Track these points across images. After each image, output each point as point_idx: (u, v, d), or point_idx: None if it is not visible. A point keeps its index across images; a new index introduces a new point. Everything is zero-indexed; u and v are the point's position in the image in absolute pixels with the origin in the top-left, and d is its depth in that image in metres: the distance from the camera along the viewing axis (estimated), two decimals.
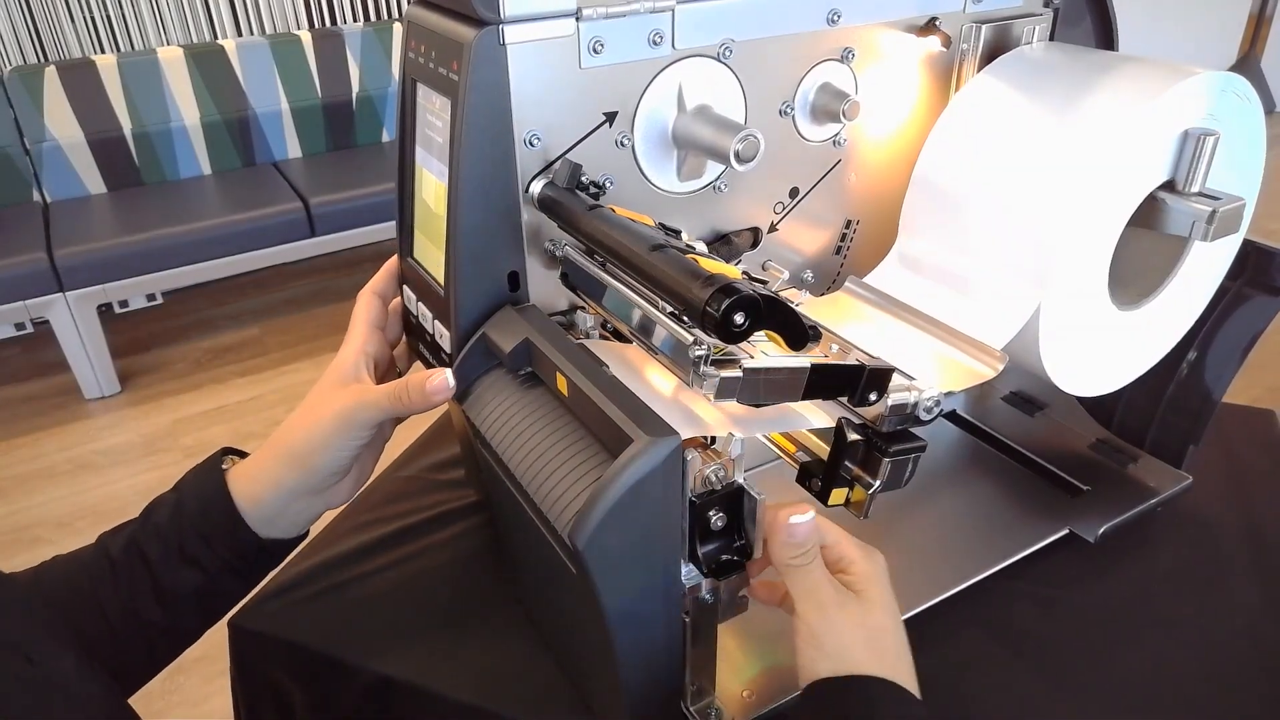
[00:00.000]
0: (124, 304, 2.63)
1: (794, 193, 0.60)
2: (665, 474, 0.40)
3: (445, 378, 0.50)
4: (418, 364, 0.58)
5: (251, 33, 2.65)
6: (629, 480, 0.39)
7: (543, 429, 0.46)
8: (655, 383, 0.46)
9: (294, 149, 2.69)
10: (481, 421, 0.49)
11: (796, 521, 0.44)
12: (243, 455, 0.55)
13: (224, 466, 0.53)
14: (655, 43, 0.50)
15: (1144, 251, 0.58)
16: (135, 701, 0.49)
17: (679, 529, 0.43)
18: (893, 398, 0.42)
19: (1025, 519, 0.64)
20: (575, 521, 0.40)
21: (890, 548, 0.62)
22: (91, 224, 2.30)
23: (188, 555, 0.51)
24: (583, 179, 0.49)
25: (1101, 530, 0.62)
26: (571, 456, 0.43)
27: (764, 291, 0.38)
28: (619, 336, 0.52)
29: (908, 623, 0.56)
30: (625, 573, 0.42)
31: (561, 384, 0.45)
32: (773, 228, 0.60)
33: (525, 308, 0.51)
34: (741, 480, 0.44)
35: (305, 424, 0.52)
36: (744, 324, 0.37)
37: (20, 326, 2.53)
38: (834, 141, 0.60)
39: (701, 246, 0.47)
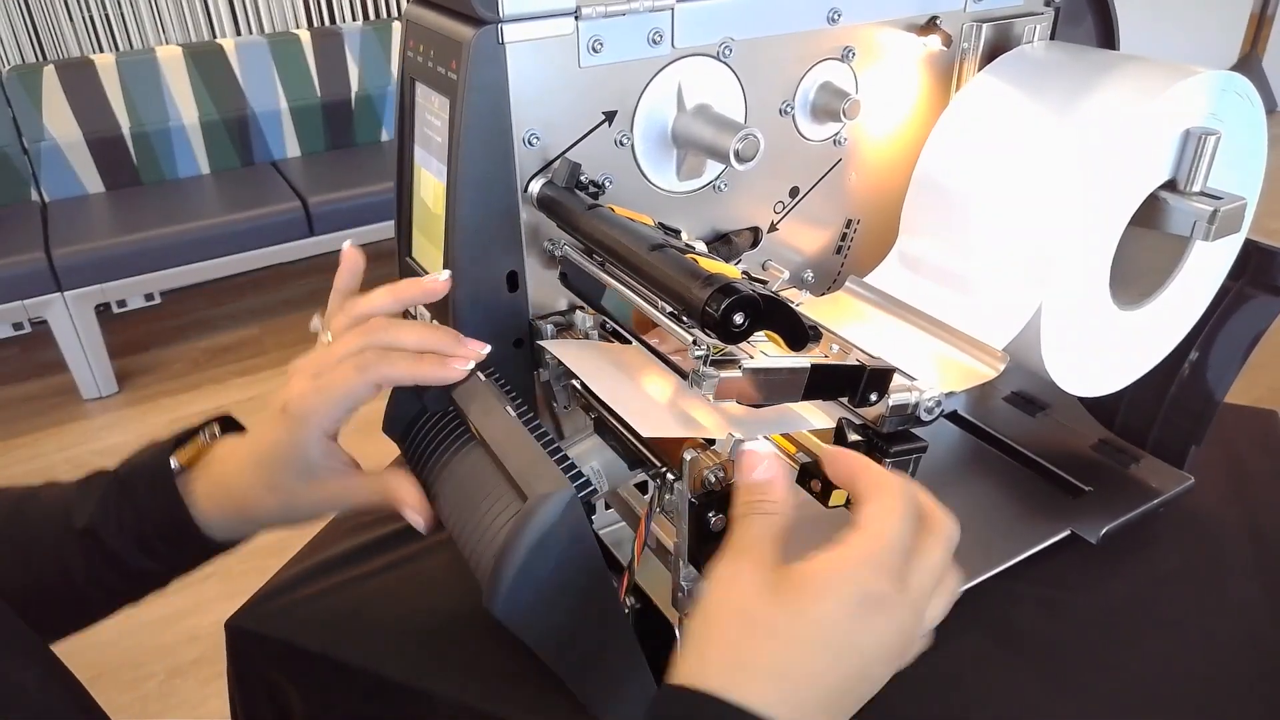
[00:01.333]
0: (122, 304, 2.63)
1: (794, 192, 0.60)
2: (567, 524, 0.39)
3: (417, 514, 0.47)
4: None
5: (250, 32, 2.65)
6: (528, 542, 0.38)
7: (463, 478, 0.45)
8: (654, 383, 0.46)
9: (293, 148, 2.68)
10: (414, 466, 0.49)
11: (750, 449, 0.37)
12: (186, 437, 0.51)
13: (174, 466, 0.49)
14: (655, 42, 0.50)
15: (1145, 251, 0.58)
16: (133, 703, 0.48)
17: (599, 559, 0.42)
18: (893, 398, 0.42)
19: (1027, 520, 0.64)
20: (487, 590, 0.39)
21: None
22: (90, 223, 2.30)
23: (147, 548, 0.50)
24: (582, 178, 0.49)
25: (1103, 531, 0.61)
26: (487, 510, 0.43)
27: (764, 291, 0.38)
28: (618, 337, 0.52)
29: None
30: (551, 617, 0.41)
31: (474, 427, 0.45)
32: (773, 227, 0.60)
33: None
34: None
35: (270, 495, 0.48)
36: (744, 324, 0.37)
37: (18, 326, 2.52)
38: (834, 141, 0.60)
39: (701, 246, 0.46)
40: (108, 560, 0.49)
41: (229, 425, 0.53)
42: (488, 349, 0.46)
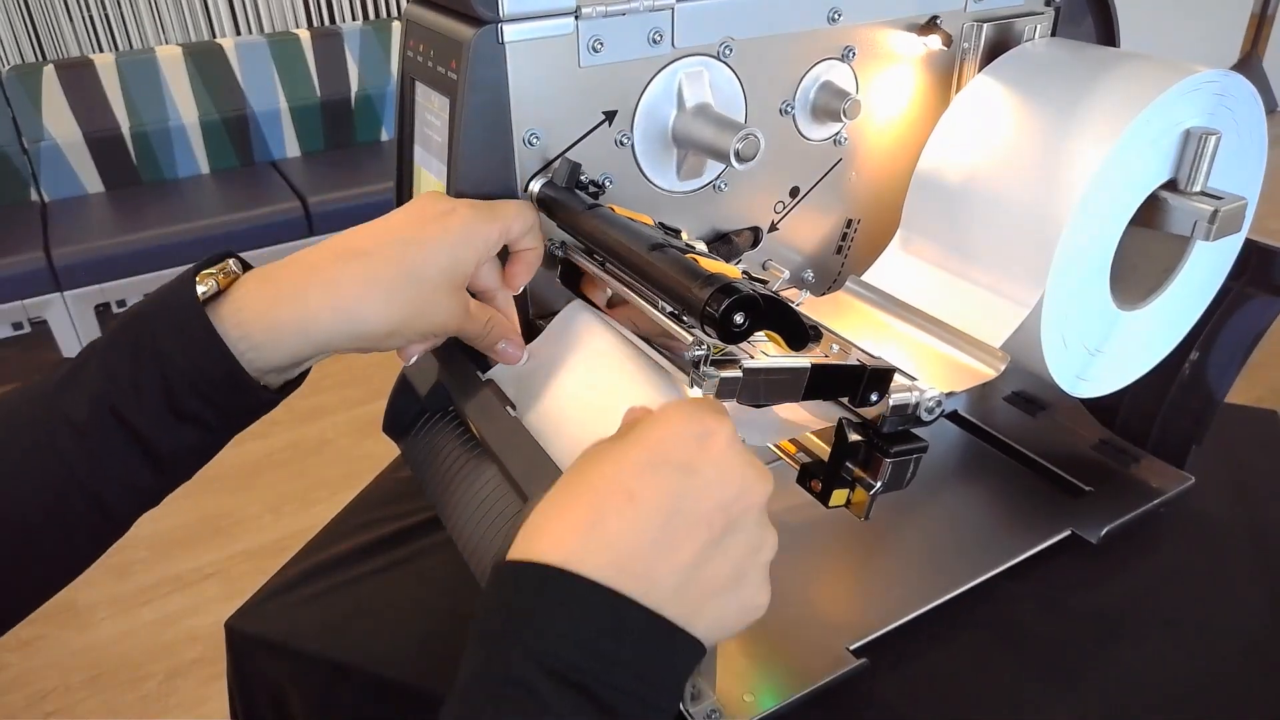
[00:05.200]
0: (122, 304, 2.62)
1: (794, 192, 0.60)
2: None
3: (521, 353, 0.48)
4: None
5: (250, 32, 2.65)
6: None
7: (464, 477, 0.45)
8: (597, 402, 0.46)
9: (292, 148, 2.68)
10: (414, 465, 0.49)
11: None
12: (212, 262, 0.43)
13: (201, 290, 0.41)
14: (655, 41, 0.50)
15: (1146, 251, 0.58)
16: (133, 703, 0.48)
17: None
18: (894, 398, 0.42)
19: (1027, 520, 0.64)
20: None
21: (892, 549, 0.63)
22: (89, 223, 2.30)
23: (183, 413, 0.40)
24: (582, 178, 0.49)
25: (1104, 531, 0.61)
26: (488, 510, 0.43)
27: (764, 291, 0.38)
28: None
29: (909, 626, 0.56)
30: None
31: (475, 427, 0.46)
32: (773, 227, 0.60)
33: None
34: None
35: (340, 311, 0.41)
36: (744, 324, 0.37)
37: (18, 326, 2.52)
38: (835, 140, 0.60)
39: (701, 246, 0.46)
40: (127, 444, 0.39)
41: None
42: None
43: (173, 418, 0.40)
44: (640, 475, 0.33)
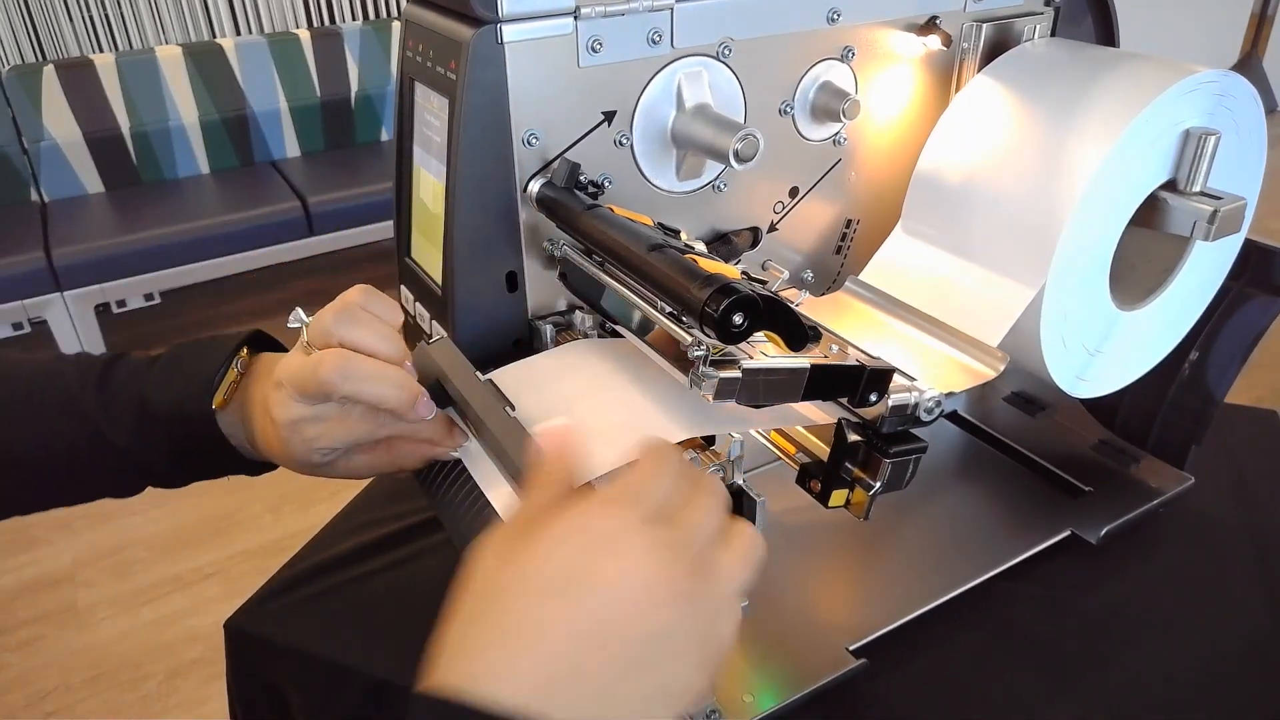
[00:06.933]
0: (121, 304, 2.63)
1: (794, 192, 0.60)
2: None
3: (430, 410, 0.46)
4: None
5: (250, 32, 2.65)
6: None
7: (461, 475, 0.45)
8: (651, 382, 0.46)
9: (292, 148, 2.68)
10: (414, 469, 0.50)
11: (540, 429, 0.39)
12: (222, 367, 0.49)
13: (214, 406, 0.49)
14: (654, 41, 0.50)
15: (1145, 251, 0.58)
16: (133, 703, 0.48)
17: None
18: (893, 398, 0.42)
19: (1027, 520, 0.64)
20: None
21: (891, 549, 0.63)
22: (89, 223, 2.30)
23: (189, 472, 0.52)
24: (581, 178, 0.49)
25: (1104, 531, 0.61)
26: (484, 509, 0.43)
27: (763, 291, 0.38)
28: (616, 336, 0.52)
29: (909, 626, 0.56)
30: None
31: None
32: (772, 227, 0.60)
33: (439, 342, 0.50)
34: (741, 481, 0.43)
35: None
36: (743, 324, 0.37)
37: (18, 326, 2.52)
38: (834, 141, 0.60)
39: (701, 246, 0.46)
40: (142, 472, 0.51)
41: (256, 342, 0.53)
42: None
43: (179, 471, 0.52)
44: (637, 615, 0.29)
